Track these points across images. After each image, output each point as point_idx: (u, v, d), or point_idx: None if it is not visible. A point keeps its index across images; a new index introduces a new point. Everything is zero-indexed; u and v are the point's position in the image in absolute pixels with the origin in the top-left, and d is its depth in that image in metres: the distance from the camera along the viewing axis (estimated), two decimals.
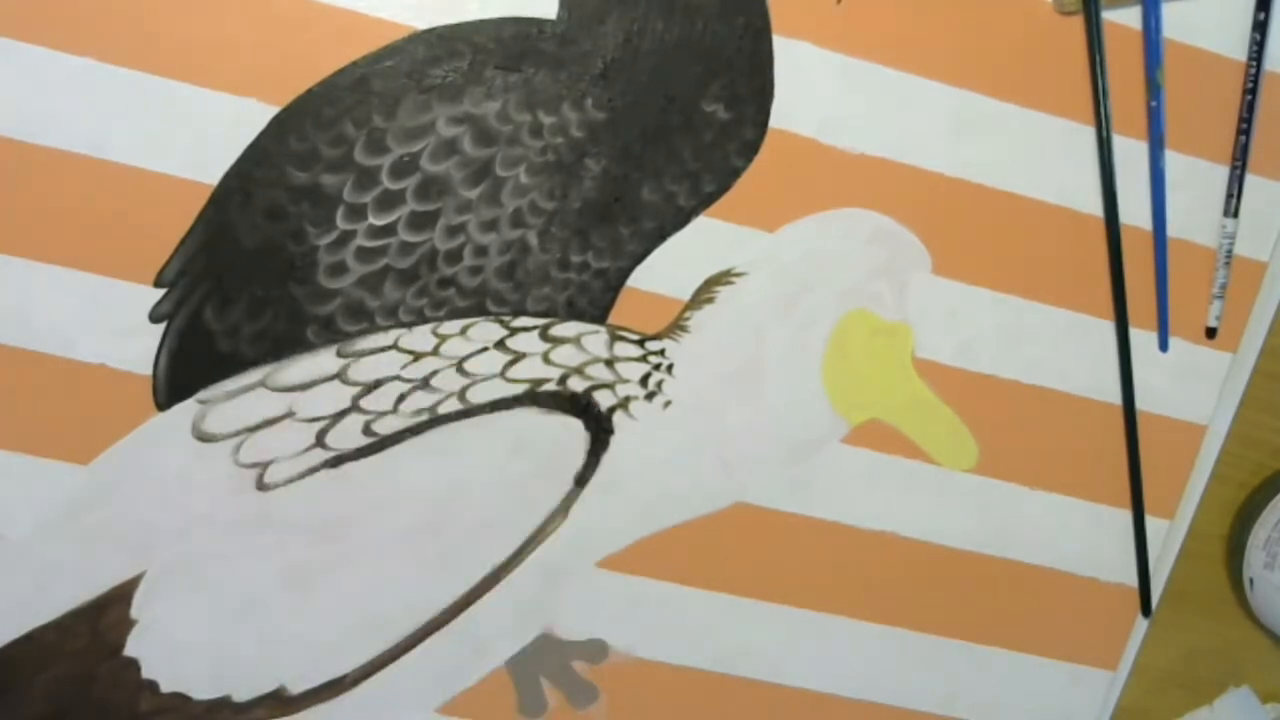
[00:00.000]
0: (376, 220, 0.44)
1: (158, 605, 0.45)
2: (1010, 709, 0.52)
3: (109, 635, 0.45)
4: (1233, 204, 0.48)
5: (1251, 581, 0.51)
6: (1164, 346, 0.49)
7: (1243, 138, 0.48)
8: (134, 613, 0.45)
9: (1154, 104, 0.47)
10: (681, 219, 0.46)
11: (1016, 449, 0.49)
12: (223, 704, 0.46)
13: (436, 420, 0.45)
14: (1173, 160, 0.48)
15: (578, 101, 0.44)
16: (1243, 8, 0.47)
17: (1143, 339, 0.49)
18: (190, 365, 0.44)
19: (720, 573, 0.49)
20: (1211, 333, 0.49)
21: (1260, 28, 0.47)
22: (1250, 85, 0.47)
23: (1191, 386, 0.50)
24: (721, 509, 0.48)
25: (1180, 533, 0.52)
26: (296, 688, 0.46)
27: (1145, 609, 0.51)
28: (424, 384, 0.45)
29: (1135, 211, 0.48)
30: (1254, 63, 0.47)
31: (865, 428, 0.48)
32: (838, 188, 0.46)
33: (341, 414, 0.45)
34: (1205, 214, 0.49)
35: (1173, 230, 0.49)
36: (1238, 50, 0.48)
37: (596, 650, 0.48)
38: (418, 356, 0.45)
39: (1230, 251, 0.49)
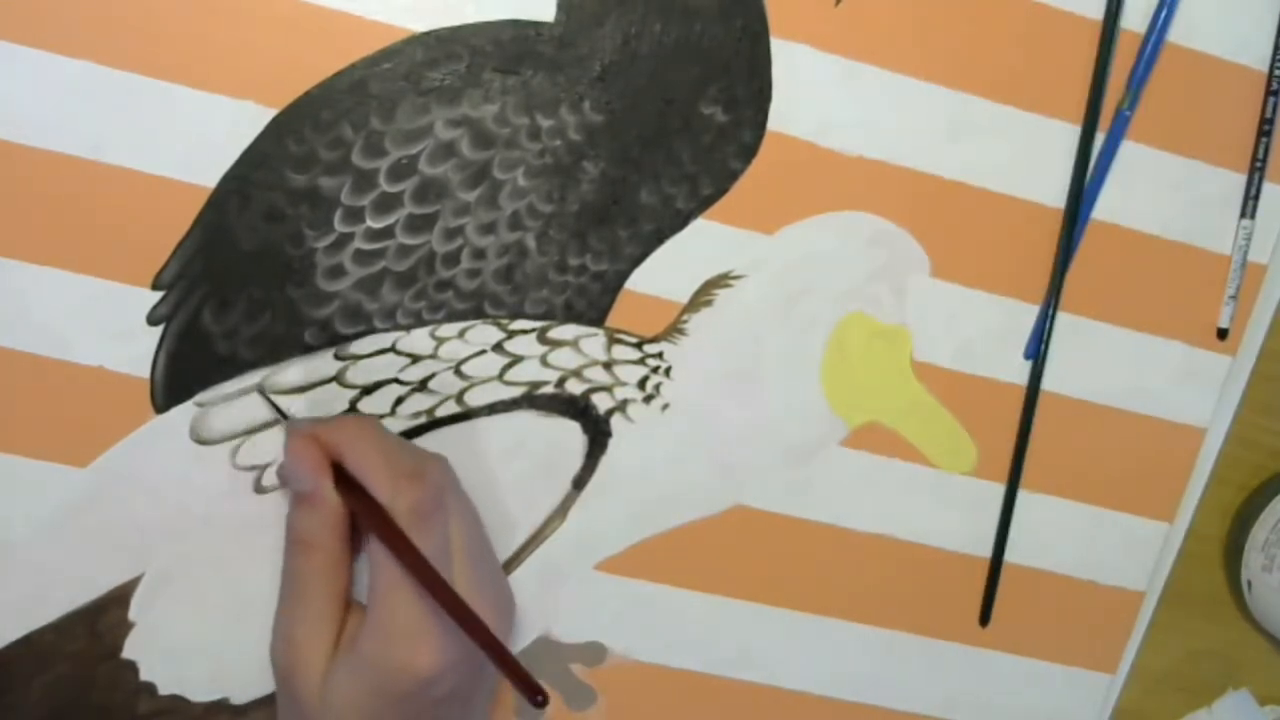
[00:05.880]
0: (374, 223, 0.44)
1: (156, 607, 0.45)
2: (1009, 711, 0.52)
3: (107, 637, 0.45)
4: (1250, 206, 0.48)
5: (1250, 584, 0.51)
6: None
7: (1265, 140, 0.48)
8: (132, 615, 0.45)
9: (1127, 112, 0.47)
10: (680, 222, 0.45)
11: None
12: (221, 706, 0.46)
13: (434, 423, 0.45)
14: (1173, 163, 0.48)
15: (575, 104, 0.44)
16: (1242, 10, 0.47)
17: (1143, 341, 0.49)
18: (188, 368, 0.44)
19: (719, 575, 0.49)
20: (1223, 334, 0.49)
21: None
22: (1276, 86, 0.47)
23: (1191, 389, 0.50)
24: (720, 511, 0.48)
25: (1179, 535, 0.52)
26: None
27: (985, 618, 0.51)
28: (422, 387, 0.45)
29: (1136, 213, 0.48)
30: (1279, 64, 0.47)
31: (864, 430, 0.48)
32: (836, 190, 0.46)
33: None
34: (1204, 218, 0.49)
35: (1172, 233, 0.49)
36: (1238, 54, 0.48)
37: (595, 653, 0.48)
38: (416, 359, 0.45)
39: (1246, 254, 0.49)
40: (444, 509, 0.40)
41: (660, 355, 0.46)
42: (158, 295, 0.43)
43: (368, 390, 0.45)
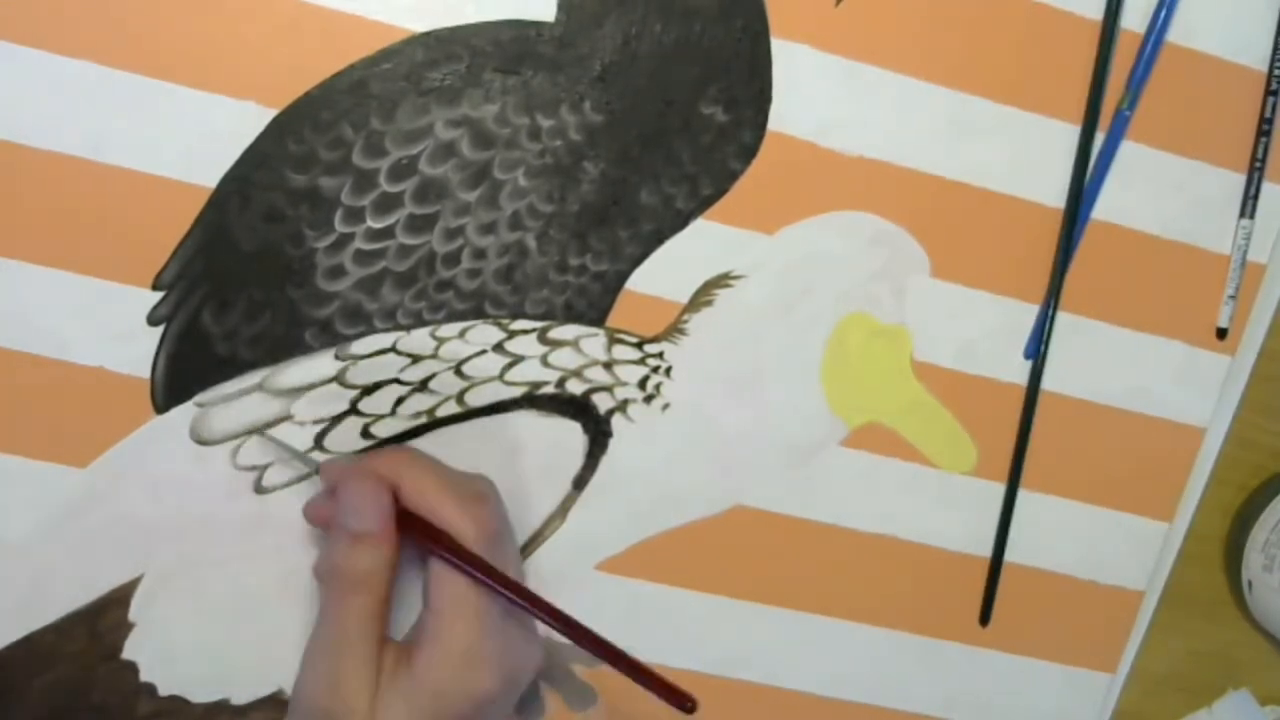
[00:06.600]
0: (375, 223, 0.44)
1: (156, 608, 0.45)
2: (1009, 711, 0.52)
3: (107, 638, 0.45)
4: (1250, 206, 0.48)
5: (1250, 584, 0.51)
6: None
7: (1264, 140, 0.48)
8: (132, 615, 0.45)
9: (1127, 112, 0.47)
10: (680, 222, 0.45)
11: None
12: (221, 707, 0.46)
13: (435, 423, 0.45)
14: (1173, 163, 0.48)
15: (576, 104, 0.44)
16: (1242, 10, 0.47)
17: (1143, 341, 0.49)
18: (188, 368, 0.44)
19: (719, 576, 0.49)
20: (1222, 334, 0.49)
21: None
22: (1276, 86, 0.48)
23: (1191, 389, 0.50)
24: (720, 511, 0.48)
25: (1179, 535, 0.52)
26: None
27: (985, 615, 0.51)
28: (422, 387, 0.45)
29: (1136, 213, 0.48)
30: (1278, 63, 0.47)
31: (864, 430, 0.48)
32: (836, 190, 0.46)
33: (340, 417, 0.45)
34: (1204, 217, 0.49)
35: (1172, 233, 0.49)
36: (1238, 54, 0.48)
37: None
38: (416, 359, 0.45)
39: (1245, 253, 0.49)
40: (510, 525, 0.41)
41: (661, 355, 0.46)
42: (158, 295, 0.43)
43: (368, 390, 0.45)
